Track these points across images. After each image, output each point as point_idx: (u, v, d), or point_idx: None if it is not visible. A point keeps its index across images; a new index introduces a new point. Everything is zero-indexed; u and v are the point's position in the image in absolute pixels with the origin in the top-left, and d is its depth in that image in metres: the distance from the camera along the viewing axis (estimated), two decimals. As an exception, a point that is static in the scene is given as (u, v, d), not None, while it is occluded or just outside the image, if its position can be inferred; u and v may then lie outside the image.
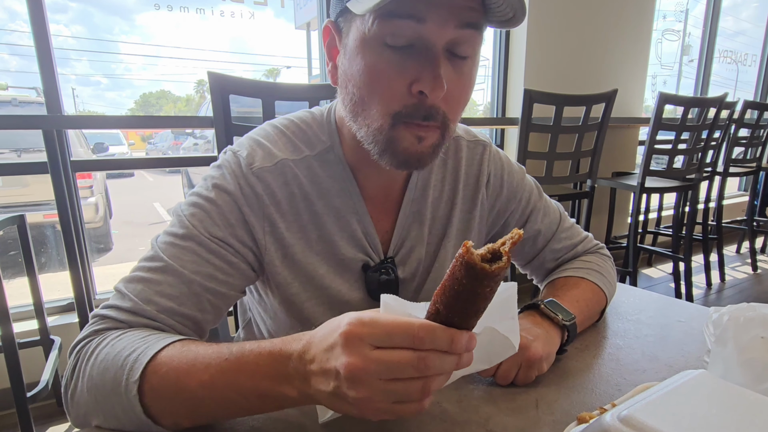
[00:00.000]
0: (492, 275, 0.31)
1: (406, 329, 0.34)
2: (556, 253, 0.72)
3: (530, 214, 0.71)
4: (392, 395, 0.34)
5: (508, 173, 0.70)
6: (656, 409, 0.34)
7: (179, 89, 4.86)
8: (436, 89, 0.47)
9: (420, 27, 0.46)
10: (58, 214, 1.47)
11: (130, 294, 0.49)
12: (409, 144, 0.50)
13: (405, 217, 0.63)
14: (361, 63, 0.49)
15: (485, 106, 2.71)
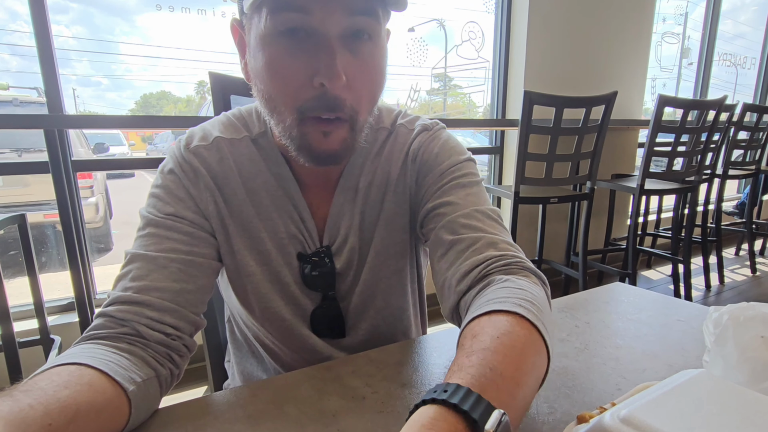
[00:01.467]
0: None
1: None
2: (455, 225, 0.55)
3: (448, 186, 0.59)
4: None
5: (440, 147, 0.62)
6: (656, 409, 0.35)
7: (180, 90, 4.81)
8: (333, 79, 0.47)
9: (309, 18, 0.46)
10: (59, 214, 1.48)
11: (114, 292, 0.52)
12: (317, 141, 0.51)
13: (337, 206, 0.63)
14: (262, 59, 0.50)
15: (485, 108, 2.72)
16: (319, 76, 0.47)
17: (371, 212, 0.65)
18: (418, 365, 0.56)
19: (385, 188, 0.65)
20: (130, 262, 0.53)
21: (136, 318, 0.49)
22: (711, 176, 2.67)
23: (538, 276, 0.51)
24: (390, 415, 0.46)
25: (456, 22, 2.57)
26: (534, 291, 0.46)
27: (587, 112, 1.92)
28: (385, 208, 0.65)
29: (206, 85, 1.12)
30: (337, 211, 0.63)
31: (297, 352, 0.66)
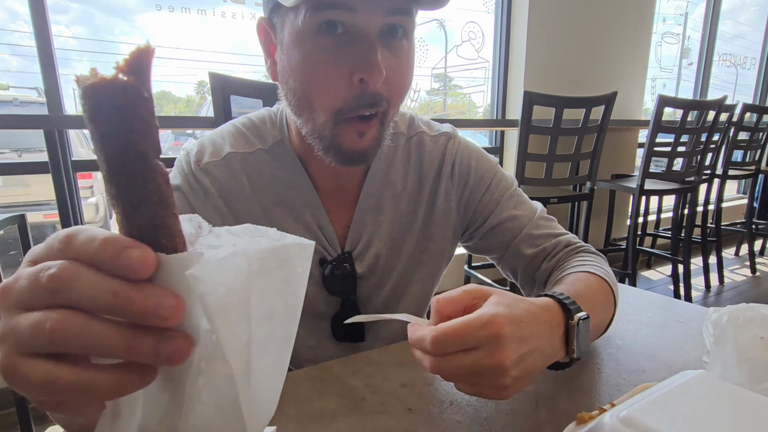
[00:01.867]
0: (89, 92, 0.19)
1: (56, 234, 0.22)
2: (534, 239, 0.65)
3: (501, 198, 0.66)
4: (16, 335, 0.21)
5: (477, 160, 0.67)
6: (655, 409, 0.35)
7: (180, 90, 4.83)
8: (375, 74, 0.47)
9: (351, 16, 0.46)
10: (59, 214, 1.48)
11: None
12: (351, 141, 0.51)
13: (361, 211, 0.62)
14: (298, 57, 0.49)
15: (485, 108, 2.72)
16: (360, 71, 0.47)
17: (402, 221, 0.65)
18: (417, 365, 0.56)
19: (416, 199, 0.65)
20: None
21: None
22: (711, 176, 2.67)
23: (599, 254, 0.66)
24: (390, 415, 0.46)
25: (456, 22, 2.57)
26: (599, 262, 0.62)
27: (587, 113, 1.92)
28: (419, 219, 0.66)
29: (206, 85, 1.12)
30: (361, 218, 0.63)
31: (313, 355, 0.66)
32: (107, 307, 0.20)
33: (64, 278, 0.20)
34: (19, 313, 0.21)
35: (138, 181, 0.20)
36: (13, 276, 0.22)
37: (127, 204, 0.20)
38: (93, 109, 0.19)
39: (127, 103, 0.19)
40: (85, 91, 0.19)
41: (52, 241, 0.22)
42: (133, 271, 0.20)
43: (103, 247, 0.20)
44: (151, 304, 0.19)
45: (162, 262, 0.20)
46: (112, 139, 0.20)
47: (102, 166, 0.20)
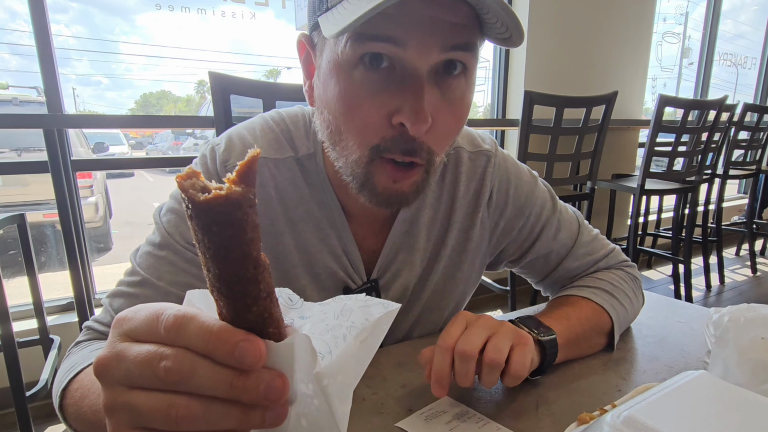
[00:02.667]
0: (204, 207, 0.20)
1: (156, 315, 0.23)
2: (571, 271, 0.66)
3: (541, 231, 0.64)
4: (134, 414, 0.23)
5: (515, 187, 0.62)
6: (657, 410, 0.34)
7: (180, 90, 4.82)
8: (418, 123, 0.41)
9: (400, 51, 0.40)
10: (58, 214, 1.47)
11: (111, 309, 0.50)
12: (384, 184, 0.46)
13: (394, 239, 0.58)
14: (335, 90, 0.43)
15: (485, 108, 2.72)
16: (401, 115, 0.41)
17: (432, 249, 0.61)
18: (417, 366, 0.56)
19: (447, 223, 0.61)
20: (139, 285, 0.49)
21: None
22: (711, 176, 2.67)
23: (628, 270, 0.69)
24: (390, 415, 0.46)
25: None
26: (616, 281, 0.64)
27: (588, 112, 1.92)
28: (448, 245, 0.61)
29: (206, 85, 1.11)
30: (393, 245, 0.58)
31: None
32: (223, 395, 0.22)
33: (184, 373, 0.22)
34: (127, 390, 0.23)
35: (252, 284, 0.22)
36: (108, 350, 0.24)
37: (241, 303, 0.22)
38: (208, 224, 0.20)
39: (242, 215, 0.20)
40: (200, 206, 0.20)
41: (154, 322, 0.23)
42: (248, 365, 0.22)
43: (218, 342, 0.22)
44: (263, 390, 0.22)
45: (270, 349, 0.23)
46: (226, 250, 0.21)
47: (213, 270, 0.21)
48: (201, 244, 0.21)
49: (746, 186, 4.29)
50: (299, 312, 0.28)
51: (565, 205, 0.68)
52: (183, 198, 0.20)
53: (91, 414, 0.37)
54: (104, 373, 0.23)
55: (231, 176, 0.20)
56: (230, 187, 0.20)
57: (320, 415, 0.25)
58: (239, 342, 0.21)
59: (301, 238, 0.55)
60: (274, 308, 0.23)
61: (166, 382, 0.22)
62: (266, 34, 2.61)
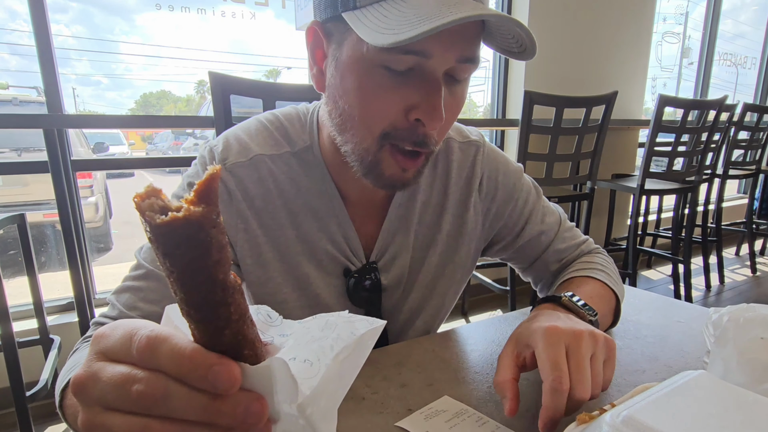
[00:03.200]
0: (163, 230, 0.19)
1: (130, 335, 0.23)
2: (560, 253, 0.69)
3: (530, 215, 0.68)
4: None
5: (504, 174, 0.67)
6: (656, 410, 0.34)
7: (180, 89, 4.82)
8: (435, 120, 0.46)
9: (424, 61, 0.45)
10: (59, 214, 1.48)
11: (118, 304, 0.51)
12: (394, 172, 0.50)
13: (390, 222, 0.61)
14: (355, 82, 0.46)
15: (485, 108, 2.72)
16: (418, 112, 0.46)
17: (426, 232, 0.64)
18: (417, 366, 0.56)
19: (441, 209, 0.64)
20: (144, 278, 0.51)
21: None
22: (711, 176, 2.67)
23: (605, 254, 0.72)
24: (389, 415, 0.46)
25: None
26: (604, 262, 0.68)
27: (587, 112, 1.92)
28: (443, 230, 0.64)
29: (206, 85, 1.11)
30: (390, 228, 0.61)
31: None
32: (199, 419, 0.22)
33: (157, 396, 0.21)
34: (103, 410, 0.23)
35: (222, 307, 0.21)
36: (84, 369, 0.23)
37: (212, 327, 0.21)
38: (169, 247, 0.19)
39: (204, 237, 0.19)
40: (159, 229, 0.18)
41: (127, 342, 0.23)
42: (221, 390, 0.21)
43: (191, 366, 0.21)
44: (240, 413, 0.21)
45: (245, 372, 0.22)
46: (192, 274, 0.20)
47: (179, 295, 0.20)
48: (165, 268, 0.20)
49: (746, 186, 4.29)
50: (279, 330, 0.27)
51: (546, 198, 0.73)
52: (141, 220, 0.19)
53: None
54: (81, 393, 0.23)
55: (188, 197, 0.19)
56: (188, 208, 0.19)
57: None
58: (212, 366, 0.21)
59: (302, 229, 0.58)
60: (248, 330, 0.22)
61: (140, 405, 0.22)
62: (266, 34, 2.60)
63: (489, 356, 0.59)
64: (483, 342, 0.63)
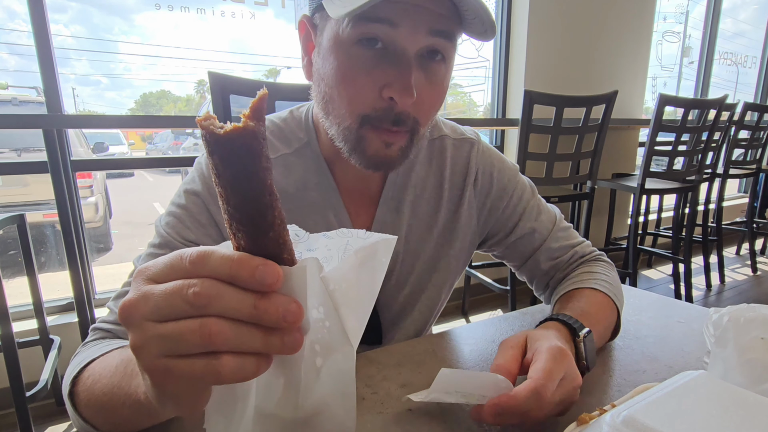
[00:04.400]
0: (224, 139, 0.22)
1: (180, 254, 0.25)
2: (552, 252, 0.69)
3: (524, 212, 0.68)
4: (166, 342, 0.24)
5: (498, 170, 0.68)
6: (656, 410, 0.34)
7: (179, 89, 4.80)
8: (405, 97, 0.47)
9: (393, 32, 0.46)
10: (58, 214, 1.47)
11: (115, 309, 0.52)
12: (377, 148, 0.51)
13: (382, 212, 0.63)
14: (333, 63, 0.49)
15: (485, 107, 2.71)
16: (390, 89, 0.47)
17: (420, 225, 0.65)
18: (417, 366, 0.56)
19: (437, 203, 0.65)
20: None
21: None
22: (712, 175, 2.67)
23: (608, 262, 0.71)
24: (389, 415, 0.46)
25: (456, 21, 2.56)
26: (606, 272, 0.67)
27: (588, 112, 1.91)
28: (438, 224, 0.65)
29: (206, 84, 1.12)
30: (382, 220, 0.63)
31: None
32: (247, 317, 0.24)
33: (212, 295, 0.24)
34: (155, 323, 0.24)
35: (269, 210, 0.24)
36: (134, 293, 0.25)
37: (258, 230, 0.24)
38: (227, 154, 0.22)
39: (258, 145, 0.22)
40: (220, 139, 0.22)
41: (178, 261, 0.25)
42: (267, 286, 0.24)
43: (239, 267, 0.24)
44: (281, 312, 0.24)
45: (285, 274, 0.25)
46: (245, 179, 0.23)
47: (233, 201, 0.23)
48: (221, 178, 0.23)
49: (746, 185, 4.29)
50: (306, 245, 0.30)
51: (542, 198, 0.73)
52: (203, 134, 0.22)
53: (102, 396, 0.39)
54: (132, 314, 0.25)
55: (245, 112, 0.22)
56: (245, 121, 0.22)
57: (332, 336, 0.27)
58: (258, 266, 0.24)
59: (299, 223, 0.58)
60: (287, 236, 0.25)
61: (195, 305, 0.24)
62: (266, 33, 2.61)
63: (489, 356, 0.59)
64: (483, 342, 0.63)
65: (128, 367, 0.37)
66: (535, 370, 0.42)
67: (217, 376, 0.24)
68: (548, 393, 0.40)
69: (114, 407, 0.38)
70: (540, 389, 0.40)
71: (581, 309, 0.57)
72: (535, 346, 0.46)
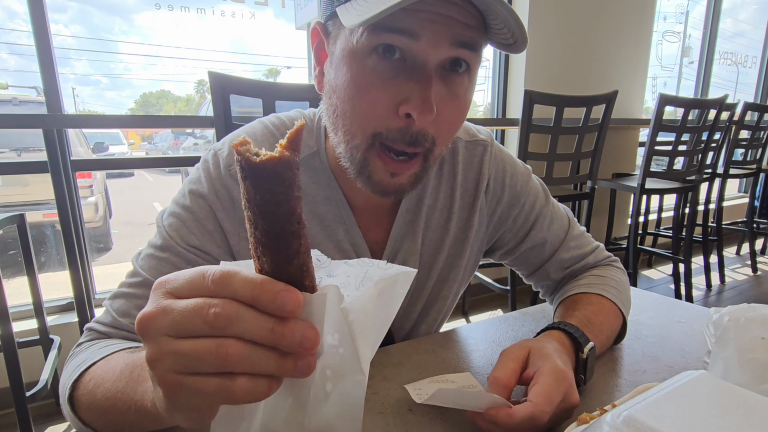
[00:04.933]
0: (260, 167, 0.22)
1: (202, 272, 0.25)
2: (563, 263, 0.67)
3: (535, 221, 0.66)
4: (182, 359, 0.24)
5: (511, 176, 0.65)
6: (657, 410, 0.34)
7: (179, 89, 4.80)
8: (424, 113, 0.43)
9: (413, 43, 0.42)
10: (58, 214, 1.47)
11: (112, 310, 0.51)
12: (382, 177, 0.47)
13: (399, 228, 0.60)
14: (346, 75, 0.45)
15: (486, 107, 2.71)
16: (408, 105, 0.43)
17: (433, 237, 0.62)
18: (417, 366, 0.56)
19: (448, 212, 0.62)
20: (139, 286, 0.50)
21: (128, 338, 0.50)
22: (712, 175, 2.67)
23: (620, 268, 0.70)
24: (390, 415, 0.46)
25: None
26: (617, 278, 0.66)
27: (588, 112, 1.91)
28: (450, 233, 0.63)
29: (206, 84, 1.11)
30: (398, 235, 0.60)
31: None
32: (264, 341, 0.24)
33: (231, 317, 0.24)
34: (173, 339, 0.25)
35: (295, 239, 0.24)
36: (153, 306, 0.26)
37: (283, 256, 0.25)
38: (260, 181, 0.23)
39: (291, 175, 0.23)
40: (255, 166, 0.22)
41: (200, 278, 0.25)
42: (287, 312, 0.24)
43: (261, 291, 0.24)
44: (298, 338, 0.24)
45: (305, 300, 0.25)
46: (276, 206, 0.23)
47: (262, 226, 0.24)
48: (252, 203, 0.23)
49: (747, 185, 4.28)
50: (327, 270, 0.31)
51: (555, 201, 0.70)
52: (238, 160, 0.23)
53: (105, 400, 0.39)
54: (149, 327, 0.25)
55: (282, 142, 0.23)
56: (282, 151, 0.23)
57: (344, 362, 0.28)
58: (280, 291, 0.24)
59: (309, 236, 0.56)
60: (310, 263, 0.26)
61: (214, 326, 0.24)
62: (266, 33, 2.60)
63: (489, 356, 0.59)
64: (483, 342, 0.63)
65: (134, 373, 0.36)
66: (535, 393, 0.42)
67: (229, 396, 0.24)
68: (545, 419, 0.41)
69: (118, 412, 0.37)
70: (537, 414, 0.40)
71: (587, 318, 0.56)
72: (537, 363, 0.45)
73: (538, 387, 0.42)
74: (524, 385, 0.45)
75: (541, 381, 0.43)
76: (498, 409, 0.41)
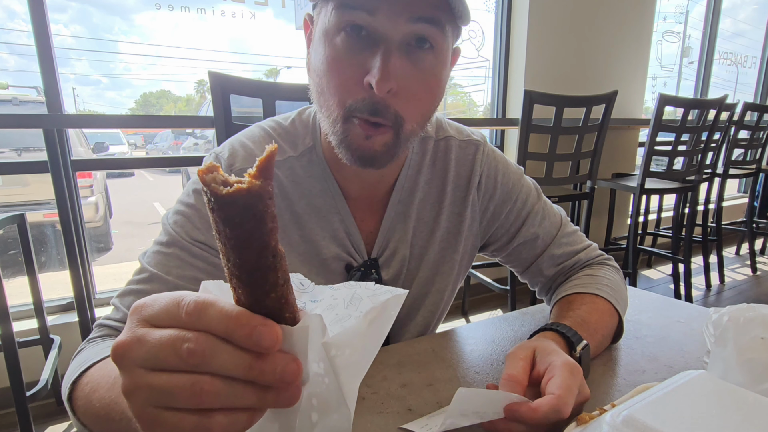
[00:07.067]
0: (227, 200, 0.21)
1: (177, 301, 0.24)
2: (555, 258, 0.69)
3: (527, 217, 0.67)
4: (156, 394, 0.24)
5: (503, 174, 0.67)
6: (656, 410, 0.34)
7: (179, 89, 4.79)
8: (381, 81, 0.45)
9: (372, 19, 0.46)
10: (58, 214, 1.47)
11: (122, 307, 0.52)
12: (358, 140, 0.50)
13: (390, 218, 0.62)
14: (321, 53, 0.49)
15: (485, 107, 2.71)
16: (369, 75, 0.46)
17: (424, 229, 0.64)
18: (417, 366, 0.56)
19: (439, 206, 0.65)
20: (148, 281, 0.52)
21: None
22: (711, 175, 2.67)
23: (614, 266, 0.70)
24: (389, 415, 0.46)
25: (456, 21, 2.56)
26: (610, 276, 0.66)
27: (587, 112, 1.91)
28: (441, 227, 0.65)
29: (206, 84, 1.12)
30: (389, 224, 0.62)
31: None
32: (242, 377, 0.23)
33: (206, 354, 0.23)
34: (147, 372, 0.24)
35: (271, 272, 0.23)
36: (128, 335, 0.25)
37: (260, 290, 0.23)
38: (230, 215, 0.21)
39: (263, 207, 0.21)
40: (223, 199, 0.21)
41: (174, 308, 0.24)
42: (264, 348, 0.23)
43: (237, 326, 0.23)
44: (279, 372, 0.23)
45: (286, 333, 0.24)
46: (247, 241, 0.22)
47: (234, 260, 0.22)
48: (222, 235, 0.22)
49: (746, 185, 4.29)
50: (311, 295, 0.29)
51: (547, 200, 0.72)
52: (205, 191, 0.21)
53: (100, 407, 0.38)
54: (124, 357, 0.24)
55: (251, 171, 0.21)
56: (251, 181, 0.21)
57: (329, 393, 0.26)
58: (257, 326, 0.23)
59: (306, 229, 0.59)
60: (290, 294, 0.24)
61: (188, 363, 0.23)
62: (266, 33, 2.61)
63: (489, 356, 0.59)
64: (483, 342, 0.63)
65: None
66: (556, 386, 0.41)
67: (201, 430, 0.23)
68: (568, 411, 0.40)
69: (110, 419, 0.37)
70: (561, 406, 0.40)
71: (581, 318, 0.57)
72: (547, 360, 0.45)
73: (557, 379, 0.42)
74: (534, 384, 0.45)
75: (557, 373, 0.43)
76: (519, 404, 0.40)
